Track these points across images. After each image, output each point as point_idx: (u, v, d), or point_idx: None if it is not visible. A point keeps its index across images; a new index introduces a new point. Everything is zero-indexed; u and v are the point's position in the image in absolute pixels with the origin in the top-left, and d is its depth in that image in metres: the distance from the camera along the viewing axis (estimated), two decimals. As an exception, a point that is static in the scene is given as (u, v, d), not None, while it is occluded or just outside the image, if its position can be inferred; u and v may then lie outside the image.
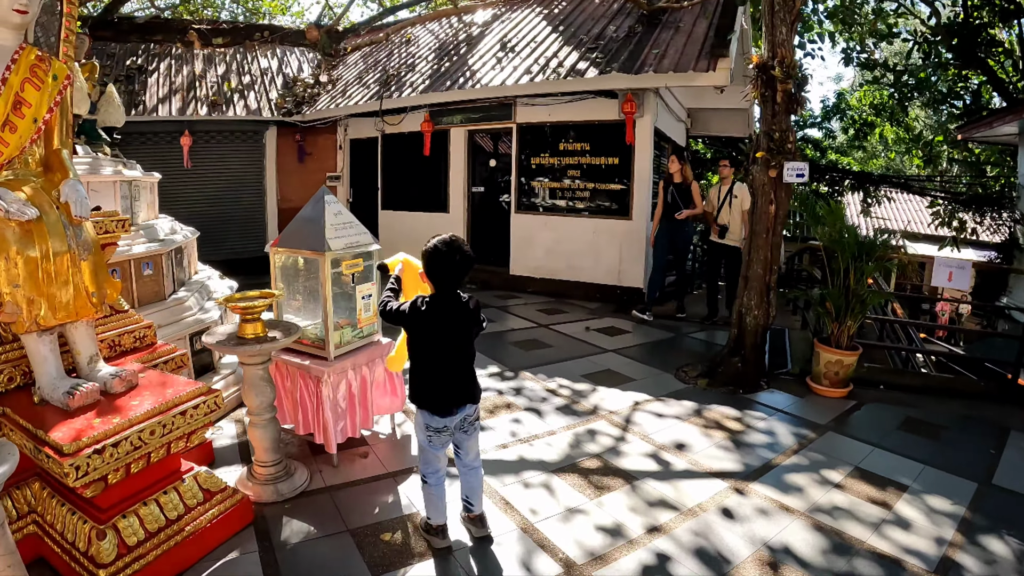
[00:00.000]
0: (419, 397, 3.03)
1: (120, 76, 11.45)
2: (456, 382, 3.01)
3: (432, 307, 2.93)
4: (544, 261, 9.81)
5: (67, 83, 3.22)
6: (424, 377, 3.02)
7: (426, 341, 2.99)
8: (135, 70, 11.76)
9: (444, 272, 2.90)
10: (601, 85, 8.39)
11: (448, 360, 2.98)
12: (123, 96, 10.90)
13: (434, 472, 3.12)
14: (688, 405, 5.08)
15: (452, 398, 3.00)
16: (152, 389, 3.17)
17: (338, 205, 4.05)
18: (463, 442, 3.14)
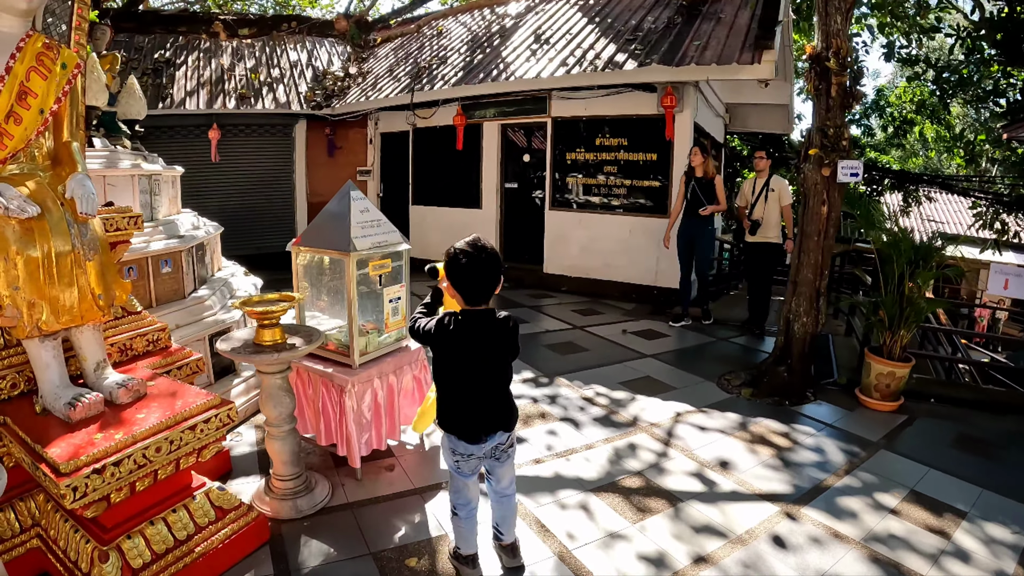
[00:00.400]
0: (445, 421, 2.73)
1: (148, 69, 11.36)
2: (486, 408, 2.69)
3: (459, 325, 2.60)
4: (579, 259, 9.51)
5: (77, 72, 3.03)
6: (451, 401, 2.71)
7: (453, 363, 2.66)
8: (163, 63, 11.66)
9: (467, 283, 2.55)
10: (640, 78, 8.05)
11: (477, 384, 2.66)
12: (150, 89, 10.84)
13: (464, 504, 2.82)
14: (732, 418, 4.75)
15: (481, 425, 2.68)
16: (161, 400, 2.95)
17: (365, 201, 3.79)
18: (495, 469, 2.83)
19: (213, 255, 5.77)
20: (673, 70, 7.57)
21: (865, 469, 4.00)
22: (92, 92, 4.49)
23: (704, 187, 7.25)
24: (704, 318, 7.78)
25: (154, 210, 4.95)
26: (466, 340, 2.59)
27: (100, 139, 4.65)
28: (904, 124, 18.85)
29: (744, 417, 4.76)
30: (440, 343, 2.64)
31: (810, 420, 4.77)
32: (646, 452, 4.13)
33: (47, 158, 3.03)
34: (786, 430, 4.54)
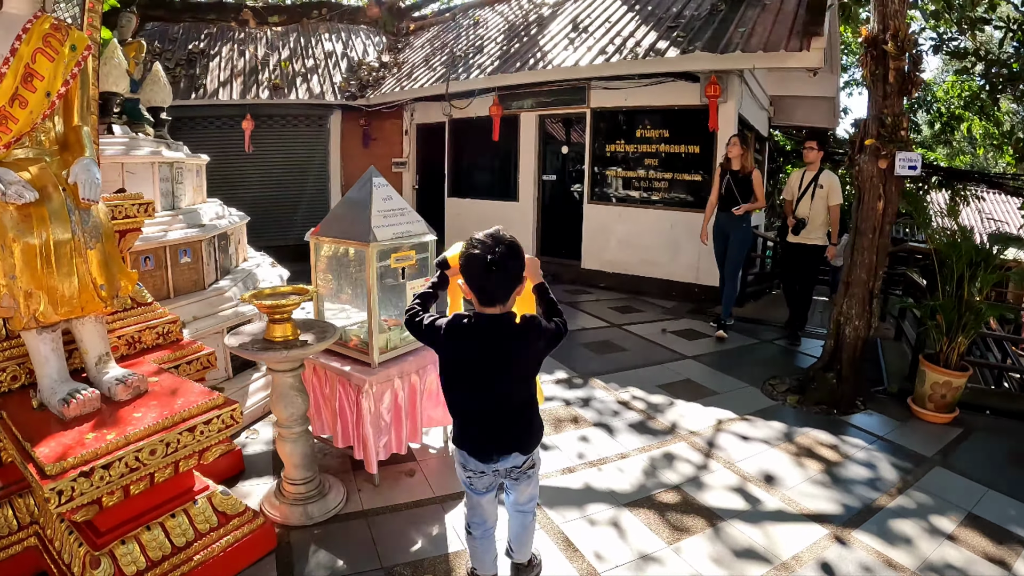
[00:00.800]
0: (456, 433, 2.43)
1: (181, 60, 11.36)
2: (500, 427, 2.33)
3: (471, 329, 2.24)
4: (617, 255, 9.20)
5: (87, 54, 2.89)
6: (460, 414, 2.39)
7: (463, 372, 2.31)
8: (197, 53, 11.63)
9: (482, 281, 2.19)
10: (682, 66, 7.69)
11: (490, 399, 2.30)
12: (184, 80, 10.82)
13: (480, 523, 2.54)
14: (777, 427, 4.41)
15: (493, 445, 2.34)
16: (161, 398, 2.77)
17: (388, 189, 3.56)
18: (513, 487, 2.52)
19: (238, 245, 5.62)
20: (717, 57, 7.20)
21: (920, 488, 3.64)
22: (112, 78, 4.35)
23: (740, 183, 6.54)
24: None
25: (176, 199, 4.80)
26: (478, 348, 2.23)
27: (121, 126, 4.50)
28: (952, 120, 18.08)
29: (790, 427, 4.42)
30: (449, 348, 2.31)
31: (860, 432, 4.40)
32: (684, 463, 3.84)
33: (55, 143, 2.91)
34: (835, 442, 4.20)
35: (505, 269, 2.17)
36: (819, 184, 6.31)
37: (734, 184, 6.57)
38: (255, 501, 3.39)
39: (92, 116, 3.39)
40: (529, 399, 2.38)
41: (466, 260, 2.20)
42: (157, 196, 4.51)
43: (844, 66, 16.45)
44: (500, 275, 2.17)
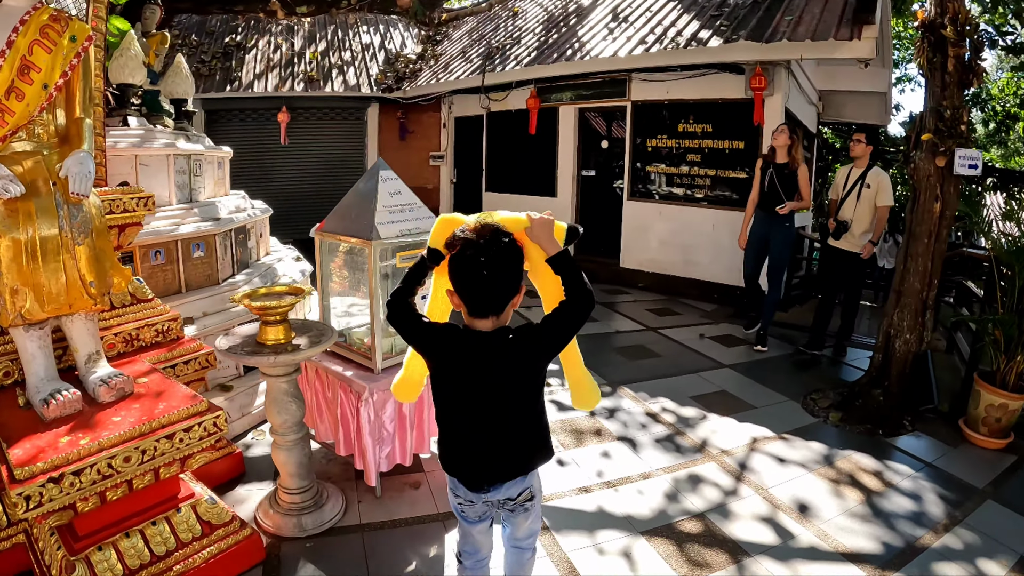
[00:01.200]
0: (443, 457, 2.08)
1: (218, 52, 11.40)
2: (492, 452, 1.98)
3: (459, 342, 1.91)
4: (657, 254, 8.86)
5: (87, 45, 2.83)
6: (448, 435, 2.05)
7: (451, 388, 1.98)
8: (233, 46, 11.66)
9: (470, 286, 1.85)
10: (726, 56, 7.31)
11: (480, 422, 1.95)
12: (219, 72, 10.84)
13: (471, 553, 2.26)
14: (816, 449, 4.06)
15: (484, 472, 2.01)
16: (145, 401, 2.63)
17: (396, 183, 3.34)
18: (508, 520, 2.19)
19: (259, 239, 5.50)
20: (762, 47, 6.80)
21: (968, 525, 3.26)
22: (128, 70, 4.27)
23: (785, 179, 5.87)
24: (758, 341, 6.27)
25: (194, 191, 4.69)
26: (467, 365, 1.90)
27: (137, 118, 4.39)
28: (1007, 119, 17.18)
29: (831, 449, 4.06)
30: (433, 352, 1.97)
31: (906, 456, 4.02)
32: (712, 487, 3.53)
33: (54, 135, 2.85)
34: (878, 468, 3.83)
35: (503, 275, 1.83)
36: (866, 183, 5.65)
37: (778, 180, 5.90)
38: (251, 507, 3.25)
39: (97, 108, 3.33)
40: (531, 418, 2.00)
41: (457, 261, 1.85)
42: (172, 189, 4.40)
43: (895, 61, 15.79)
44: (497, 282, 1.84)
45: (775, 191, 5.92)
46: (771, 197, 5.94)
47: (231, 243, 4.75)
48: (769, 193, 5.96)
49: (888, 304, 4.74)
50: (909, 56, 18.55)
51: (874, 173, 5.66)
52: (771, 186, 5.95)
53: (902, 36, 16.82)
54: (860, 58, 6.53)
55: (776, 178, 5.92)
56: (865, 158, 5.76)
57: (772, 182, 5.94)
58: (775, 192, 5.92)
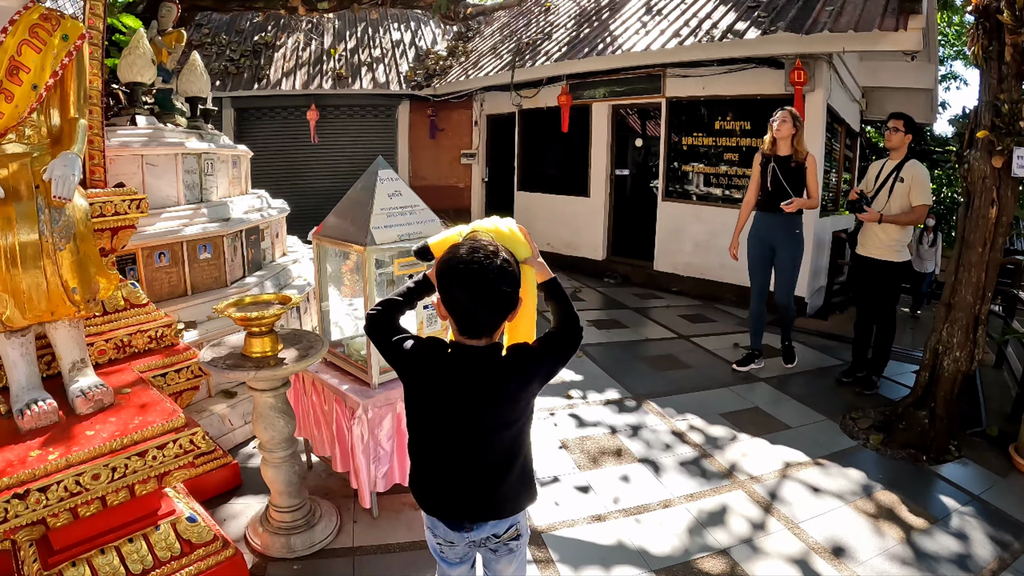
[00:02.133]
0: (416, 489, 1.86)
1: (247, 51, 11.43)
2: (474, 487, 1.76)
3: (445, 362, 1.71)
4: (693, 257, 8.54)
5: (80, 43, 2.75)
6: (423, 466, 1.83)
7: (429, 409, 1.76)
8: (262, 44, 11.67)
9: (460, 304, 1.66)
10: (763, 50, 6.96)
11: (462, 452, 1.74)
12: (248, 71, 10.85)
13: None
14: (854, 477, 3.71)
15: (465, 509, 1.79)
16: (122, 415, 2.51)
17: (397, 183, 3.12)
18: (491, 564, 1.95)
19: (275, 239, 5.36)
20: (802, 39, 6.45)
21: (1018, 571, 2.91)
22: (137, 68, 4.17)
23: (791, 173, 5.17)
24: (786, 359, 5.67)
25: (205, 191, 4.56)
26: (453, 389, 1.70)
27: (146, 116, 4.27)
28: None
29: (870, 478, 3.71)
30: (416, 377, 1.77)
31: (952, 488, 3.65)
32: (739, 520, 3.23)
33: (46, 136, 2.76)
34: (922, 501, 3.48)
35: (498, 293, 1.64)
36: (900, 177, 4.87)
37: (783, 176, 5.17)
38: (243, 522, 3.09)
39: (94, 108, 3.26)
40: (517, 449, 1.78)
41: (446, 275, 1.66)
42: (180, 189, 4.28)
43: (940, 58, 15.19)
44: (489, 301, 1.65)
45: (780, 189, 5.18)
46: (775, 196, 5.19)
47: (242, 244, 4.61)
48: (773, 192, 5.21)
49: (936, 318, 4.36)
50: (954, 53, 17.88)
51: (910, 166, 4.87)
52: (775, 183, 5.21)
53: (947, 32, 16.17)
54: (906, 50, 6.15)
55: (780, 174, 5.19)
56: (902, 149, 4.94)
57: (776, 179, 5.20)
58: (780, 190, 5.18)
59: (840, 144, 9.00)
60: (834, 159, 8.68)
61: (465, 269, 1.61)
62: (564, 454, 3.87)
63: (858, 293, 5.40)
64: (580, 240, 10.02)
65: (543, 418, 4.36)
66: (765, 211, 5.32)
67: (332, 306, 3.44)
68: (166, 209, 4.10)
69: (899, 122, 4.90)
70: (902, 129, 4.86)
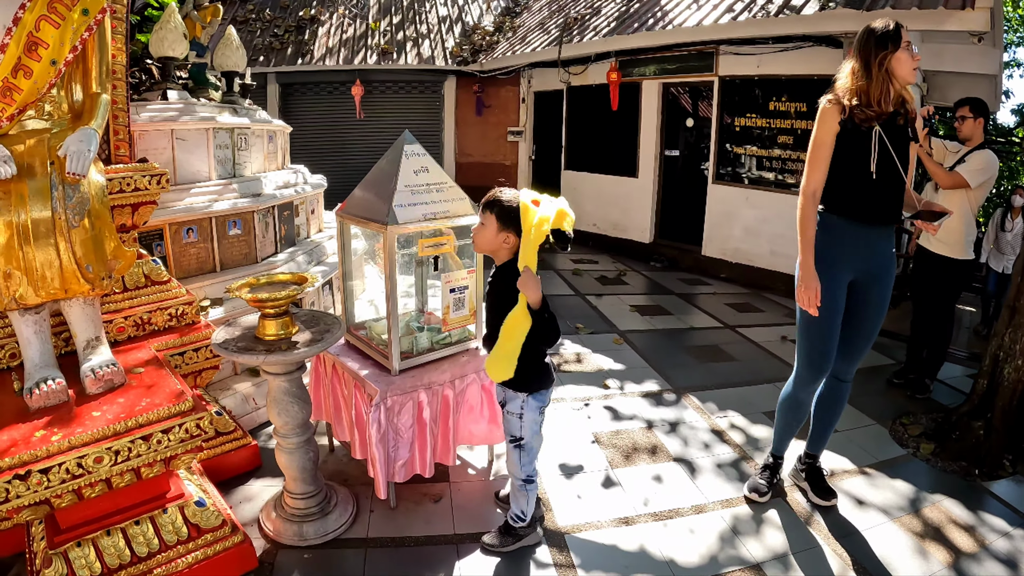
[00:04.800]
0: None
1: (291, 27, 11.41)
2: None
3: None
4: (742, 243, 8.24)
5: (101, 17, 2.69)
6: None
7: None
8: (307, 20, 11.62)
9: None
10: (821, 27, 6.58)
11: None
12: (292, 46, 10.83)
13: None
14: (902, 490, 3.44)
15: None
16: (131, 396, 2.45)
17: (424, 158, 2.98)
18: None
19: (310, 215, 5.27)
20: (862, 16, 6.02)
21: None
22: (168, 42, 4.10)
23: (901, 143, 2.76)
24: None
25: (238, 166, 4.49)
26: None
27: (177, 91, 4.20)
28: None
29: (919, 491, 3.44)
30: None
31: (1004, 508, 3.34)
32: (776, 532, 3.02)
33: (67, 112, 2.74)
34: (971, 521, 3.19)
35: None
36: (964, 160, 4.37)
37: (895, 151, 2.71)
38: (258, 506, 3.04)
39: (118, 82, 3.21)
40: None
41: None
42: (212, 164, 4.21)
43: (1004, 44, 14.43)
44: None
45: (893, 177, 2.75)
46: (890, 192, 2.79)
47: (274, 220, 4.54)
48: (883, 185, 2.74)
49: (999, 322, 4.03)
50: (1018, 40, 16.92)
51: (979, 152, 4.33)
52: (886, 165, 2.72)
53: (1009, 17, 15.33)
54: (973, 31, 5.70)
55: (893, 148, 2.71)
56: (976, 136, 4.41)
57: (886, 157, 2.71)
58: (893, 180, 2.75)
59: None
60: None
61: None
62: (596, 448, 3.71)
63: (917, 289, 5.01)
64: (627, 221, 9.78)
65: (576, 409, 4.20)
66: (867, 222, 2.84)
67: (368, 284, 3.33)
68: (196, 184, 4.04)
69: (965, 108, 4.46)
70: (970, 116, 4.42)
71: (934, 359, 4.82)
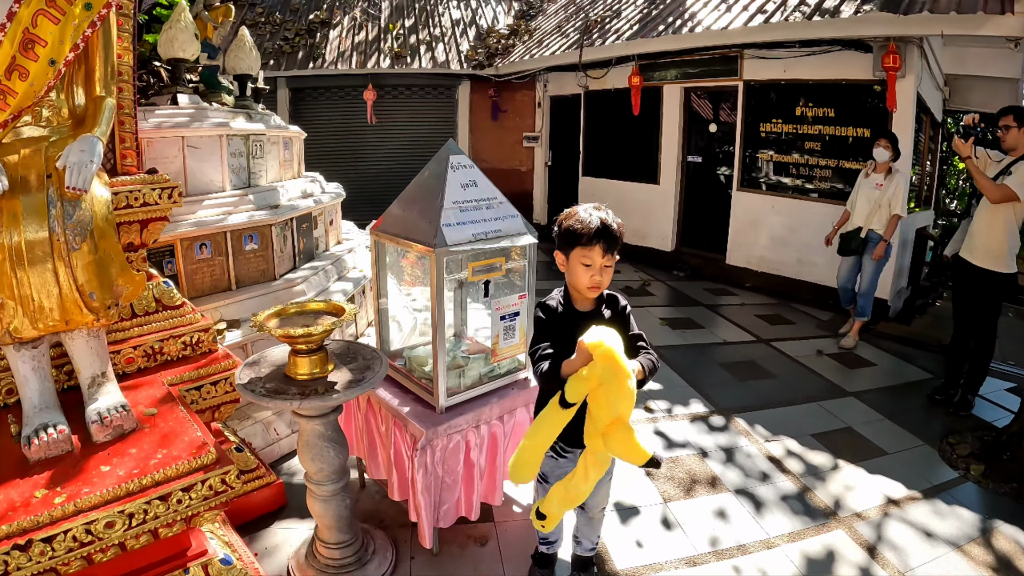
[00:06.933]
0: None
1: (301, 30, 11.15)
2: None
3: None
4: (768, 252, 7.95)
5: (105, 12, 2.37)
6: None
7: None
8: (317, 23, 11.37)
9: None
10: (855, 30, 6.28)
11: None
12: (303, 50, 10.64)
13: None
14: (964, 517, 3.20)
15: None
16: (144, 445, 2.13)
17: (472, 171, 2.69)
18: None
19: (328, 226, 5.01)
20: (898, 19, 5.77)
21: None
22: (178, 43, 3.83)
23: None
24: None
25: (253, 175, 4.22)
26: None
27: (189, 95, 3.93)
28: None
29: (979, 517, 3.20)
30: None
31: None
32: (844, 565, 2.76)
33: (67, 118, 2.48)
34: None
35: None
36: (1009, 171, 4.16)
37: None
38: (286, 553, 2.76)
39: (124, 84, 2.89)
40: None
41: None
42: (225, 173, 3.94)
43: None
44: None
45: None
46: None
47: (292, 233, 4.27)
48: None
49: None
50: None
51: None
52: None
53: None
54: (1010, 36, 5.46)
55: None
56: (1021, 147, 4.20)
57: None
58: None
59: (925, 136, 8.25)
60: (919, 152, 7.95)
61: None
62: (648, 482, 3.43)
63: (958, 303, 4.69)
64: (648, 229, 9.50)
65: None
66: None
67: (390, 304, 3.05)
68: (209, 196, 3.77)
69: (1009, 118, 4.22)
70: (1014, 125, 4.19)
71: (976, 374, 4.59)
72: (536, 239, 2.72)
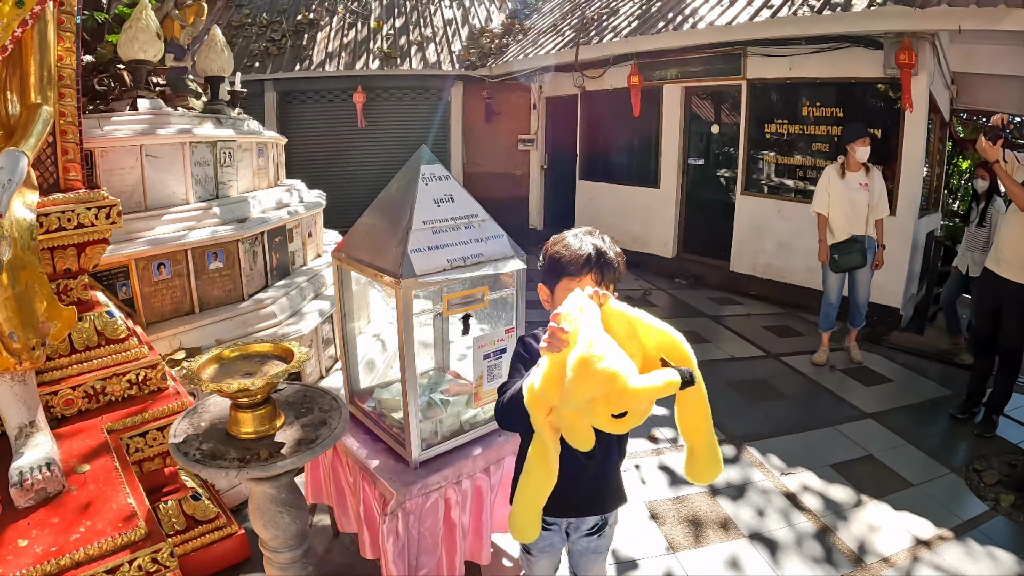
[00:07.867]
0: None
1: (288, 31, 10.84)
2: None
3: None
4: (774, 258, 7.63)
5: (39, 9, 2.14)
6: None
7: None
8: (305, 24, 11.06)
9: None
10: (867, 25, 5.96)
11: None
12: (289, 51, 10.32)
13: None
14: (1001, 560, 2.89)
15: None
16: (68, 513, 1.85)
17: (447, 183, 2.32)
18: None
19: (306, 239, 4.68)
20: (914, 13, 5.46)
21: None
22: (139, 43, 3.53)
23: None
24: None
25: (221, 186, 3.90)
26: None
27: (149, 99, 3.60)
28: None
29: (1015, 559, 2.90)
30: None
31: None
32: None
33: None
34: None
35: None
36: None
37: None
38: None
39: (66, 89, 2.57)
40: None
41: None
42: (189, 184, 3.62)
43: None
44: None
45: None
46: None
47: (263, 248, 3.95)
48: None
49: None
50: None
51: None
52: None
53: None
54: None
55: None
56: None
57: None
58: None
59: (935, 135, 7.94)
60: (930, 151, 7.63)
61: None
62: (653, 527, 3.10)
63: (982, 317, 4.34)
64: (648, 235, 9.18)
65: (625, 470, 3.59)
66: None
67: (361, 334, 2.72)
68: (169, 210, 3.45)
69: None
70: None
71: (1002, 393, 4.28)
72: (525, 263, 2.37)
